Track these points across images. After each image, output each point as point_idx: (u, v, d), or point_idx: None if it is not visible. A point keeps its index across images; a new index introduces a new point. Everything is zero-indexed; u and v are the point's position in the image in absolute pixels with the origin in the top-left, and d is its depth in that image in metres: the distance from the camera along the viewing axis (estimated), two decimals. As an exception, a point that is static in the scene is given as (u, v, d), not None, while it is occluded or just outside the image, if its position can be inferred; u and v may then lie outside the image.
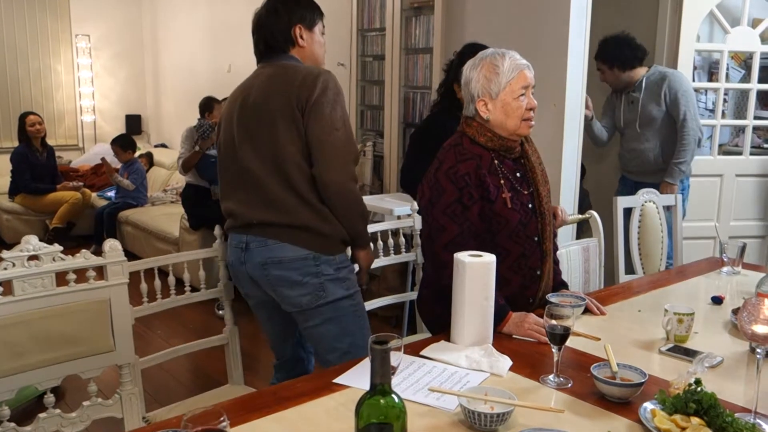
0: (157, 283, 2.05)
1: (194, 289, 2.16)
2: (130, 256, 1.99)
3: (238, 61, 6.66)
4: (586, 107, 3.74)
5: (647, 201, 3.15)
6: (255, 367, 3.64)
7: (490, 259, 1.82)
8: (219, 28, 6.83)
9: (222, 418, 1.08)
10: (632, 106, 3.75)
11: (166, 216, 5.40)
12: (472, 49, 2.44)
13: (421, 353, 1.78)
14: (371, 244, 2.29)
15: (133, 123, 8.06)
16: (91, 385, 1.88)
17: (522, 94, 2.02)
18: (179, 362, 3.39)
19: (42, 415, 1.78)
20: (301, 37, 2.26)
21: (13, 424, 1.71)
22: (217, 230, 2.16)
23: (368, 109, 5.31)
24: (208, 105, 4.80)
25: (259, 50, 2.29)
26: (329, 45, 5.83)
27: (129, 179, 5.93)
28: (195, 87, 6.76)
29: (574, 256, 2.71)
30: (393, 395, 1.08)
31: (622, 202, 3.07)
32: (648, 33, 4.25)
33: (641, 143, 3.72)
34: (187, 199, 4.70)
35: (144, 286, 2.01)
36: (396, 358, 1.44)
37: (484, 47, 2.22)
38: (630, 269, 3.11)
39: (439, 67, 4.48)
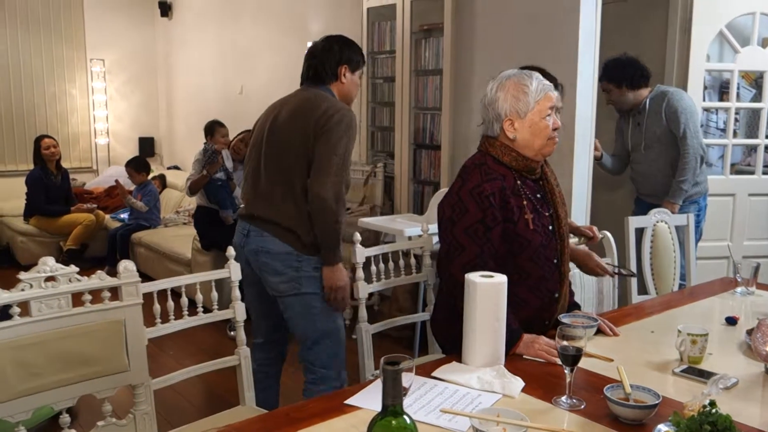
0: (170, 304, 2.06)
1: (207, 310, 2.17)
2: (144, 277, 2.00)
3: (249, 83, 6.74)
4: (595, 148, 3.73)
5: (659, 221, 3.14)
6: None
7: (501, 279, 1.82)
8: (230, 51, 6.92)
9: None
10: (638, 128, 3.75)
11: (179, 237, 5.43)
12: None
13: (433, 374, 1.78)
14: (341, 266, 2.49)
15: (146, 145, 8.14)
16: (105, 404, 1.89)
17: (549, 114, 2.04)
18: (192, 383, 3.39)
19: (57, 436, 1.79)
20: (344, 75, 2.65)
21: (28, 444, 1.72)
22: (229, 251, 2.17)
23: (379, 131, 5.35)
24: (210, 129, 4.83)
25: (307, 75, 2.69)
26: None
27: (142, 201, 5.98)
28: (207, 109, 6.83)
29: (588, 277, 2.70)
30: (404, 416, 1.08)
31: (634, 222, 3.06)
32: (658, 53, 4.27)
33: (649, 165, 3.71)
34: (199, 220, 4.73)
35: (157, 307, 2.02)
36: (407, 379, 1.44)
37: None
38: (643, 290, 3.09)
39: (449, 88, 4.51)
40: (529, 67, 2.27)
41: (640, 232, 3.12)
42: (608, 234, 2.87)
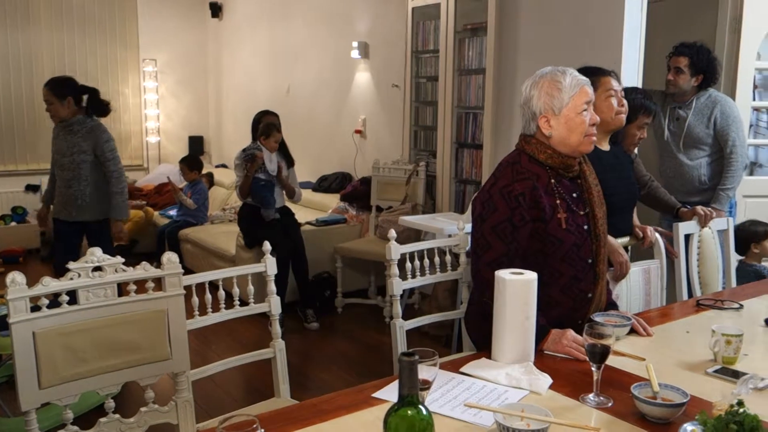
0: (208, 297, 2.12)
1: (244, 304, 2.23)
2: (190, 273, 2.08)
3: (296, 83, 6.84)
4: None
5: (705, 227, 3.07)
6: (304, 383, 3.71)
7: (531, 276, 1.83)
8: (279, 52, 7.04)
9: (255, 426, 1.12)
10: (677, 122, 3.65)
11: (224, 234, 5.55)
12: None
13: (461, 370, 1.80)
14: None
15: (196, 144, 8.34)
16: (148, 391, 1.96)
17: (585, 110, 2.03)
18: (230, 376, 3.48)
19: (103, 419, 1.86)
20: None
21: (75, 428, 1.80)
22: (266, 246, 2.23)
23: (421, 130, 5.37)
24: (267, 131, 4.64)
25: None
26: (384, 68, 5.99)
27: (192, 198, 6.12)
28: (255, 109, 6.88)
29: (635, 278, 2.67)
30: (421, 407, 1.10)
31: (683, 228, 2.98)
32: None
33: (685, 163, 3.62)
34: (243, 218, 4.82)
35: (195, 299, 2.09)
36: (431, 373, 1.47)
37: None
38: (690, 296, 3.03)
39: (492, 87, 4.51)
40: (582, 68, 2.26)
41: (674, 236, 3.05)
42: (657, 235, 2.83)
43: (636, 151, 3.18)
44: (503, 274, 1.83)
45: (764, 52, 4.25)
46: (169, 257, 1.96)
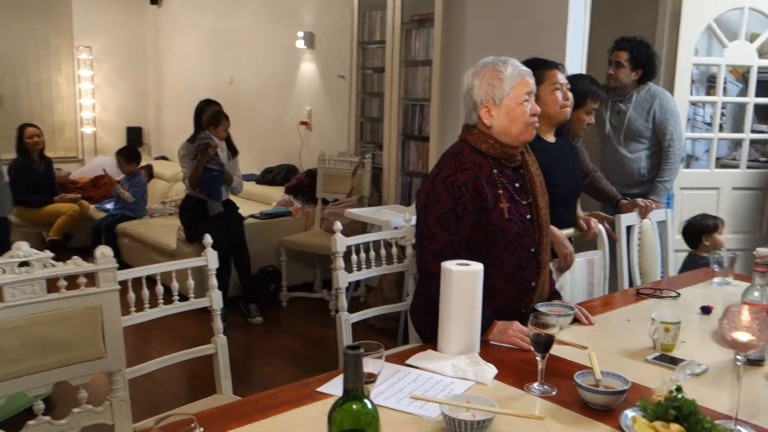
0: (145, 292, 2.05)
1: (184, 299, 2.16)
2: (127, 267, 2.00)
3: (240, 74, 6.71)
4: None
5: (645, 218, 3.13)
6: (247, 379, 3.64)
7: (477, 267, 1.82)
8: (221, 41, 6.89)
9: (193, 425, 1.07)
10: (618, 116, 3.72)
11: (164, 228, 5.40)
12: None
13: (407, 362, 1.78)
14: None
15: (134, 135, 8.10)
16: (81, 391, 1.88)
17: (526, 100, 2.03)
18: (170, 373, 3.37)
19: (31, 422, 1.77)
20: None
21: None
22: (206, 239, 2.16)
23: (368, 121, 5.34)
24: (215, 119, 4.55)
25: None
26: (330, 58, 5.93)
27: (130, 191, 5.94)
28: (197, 99, 6.71)
29: (579, 268, 2.71)
30: (366, 401, 1.08)
31: (624, 220, 3.04)
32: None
33: (625, 156, 3.70)
34: (185, 210, 4.71)
35: (131, 295, 2.01)
36: (377, 366, 1.44)
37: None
38: (631, 285, 3.09)
39: (438, 79, 4.50)
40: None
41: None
42: (600, 226, 2.87)
43: (581, 142, 3.22)
44: (449, 266, 1.82)
45: (702, 48, 4.37)
46: (103, 251, 1.88)
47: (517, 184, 2.10)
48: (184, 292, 2.14)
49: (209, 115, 4.56)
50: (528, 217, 2.10)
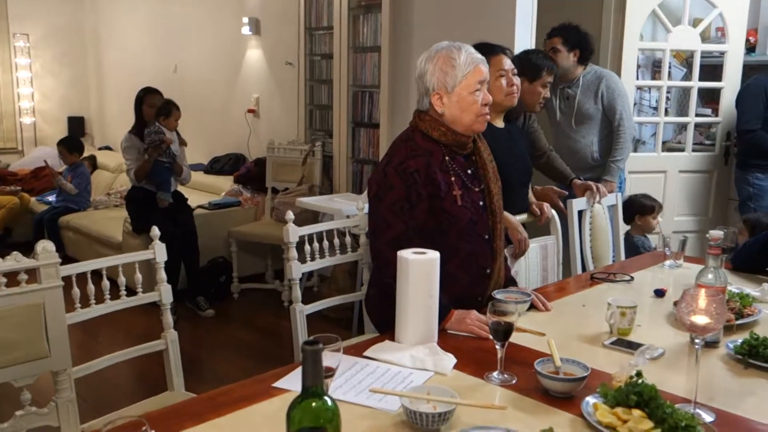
0: (91, 287, 1.96)
1: (132, 293, 2.08)
2: (72, 262, 1.91)
3: (185, 61, 6.54)
4: None
5: (595, 202, 3.15)
6: (200, 374, 3.56)
7: (434, 256, 1.80)
8: (164, 27, 6.70)
9: (144, 428, 1.02)
10: (568, 102, 3.76)
11: (109, 220, 5.24)
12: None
13: (365, 354, 1.74)
14: None
15: (76, 125, 7.82)
16: (24, 393, 1.79)
17: (478, 89, 1.99)
18: (120, 370, 3.28)
19: (-31, 428, 1.69)
20: None
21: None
22: (154, 231, 2.08)
23: (317, 109, 5.26)
24: (166, 110, 4.38)
25: None
26: (277, 45, 5.82)
27: (73, 183, 5.74)
28: (140, 88, 6.61)
29: (533, 254, 2.71)
30: (326, 398, 1.04)
31: (576, 204, 3.05)
32: (593, 32, 4.28)
33: (577, 140, 3.74)
34: (131, 201, 4.56)
35: (76, 290, 1.92)
36: (335, 359, 1.40)
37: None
38: (584, 269, 3.11)
39: (387, 65, 4.46)
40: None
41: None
42: (553, 211, 2.88)
43: (536, 122, 3.24)
44: (406, 254, 1.78)
45: (647, 33, 4.44)
46: (44, 246, 1.80)
47: (469, 171, 2.08)
48: (132, 287, 2.06)
49: (159, 106, 4.41)
50: (481, 203, 2.09)
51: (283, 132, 5.44)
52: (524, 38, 3.78)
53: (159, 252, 2.07)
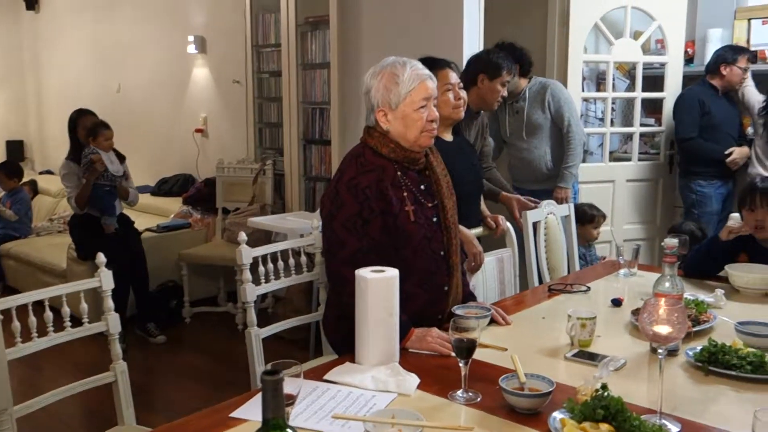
0: (32, 320, 1.86)
1: (78, 323, 1.98)
2: (15, 292, 1.80)
3: (129, 81, 6.39)
4: None
5: (549, 213, 3.17)
6: (153, 405, 3.44)
7: (393, 273, 1.76)
8: (106, 47, 6.55)
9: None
10: (517, 115, 3.81)
11: (53, 246, 5.04)
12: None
13: (325, 377, 1.69)
14: None
15: (15, 149, 7.57)
16: (-41, 439, 1.68)
17: (423, 106, 1.97)
18: (67, 404, 3.09)
19: None
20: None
21: None
22: (99, 258, 1.99)
23: (267, 127, 5.20)
24: (93, 132, 4.24)
25: None
26: (224, 63, 5.73)
27: (12, 209, 5.52)
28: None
29: (489, 268, 2.70)
30: (288, 430, 0.99)
31: (531, 216, 3.06)
32: (539, 46, 4.37)
33: (530, 152, 3.79)
34: (76, 227, 4.41)
35: (16, 324, 1.82)
36: (296, 385, 1.35)
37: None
38: (541, 281, 3.12)
39: (337, 82, 4.43)
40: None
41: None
42: (509, 224, 2.88)
43: (489, 138, 3.28)
44: (364, 273, 1.74)
45: (590, 46, 4.52)
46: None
47: (422, 187, 2.06)
48: (77, 316, 1.96)
49: (88, 128, 4.26)
50: (434, 219, 2.06)
51: (232, 151, 5.35)
52: (473, 51, 3.80)
53: (105, 279, 1.98)
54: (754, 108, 4.11)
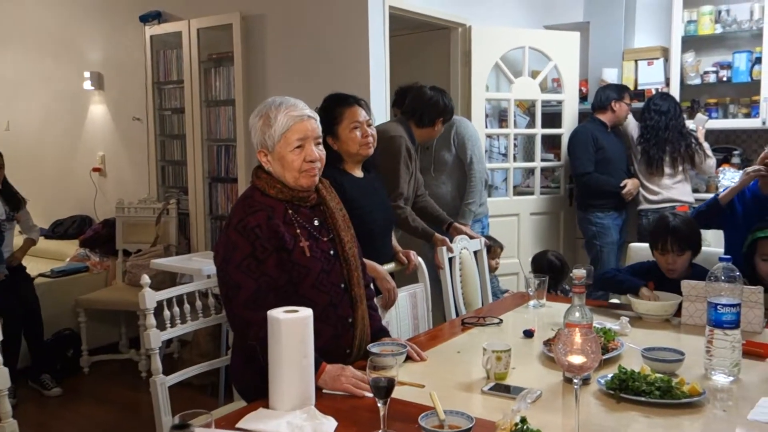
0: None
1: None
2: None
3: (19, 118, 6.07)
4: None
5: (462, 249, 3.20)
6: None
7: (306, 313, 1.71)
8: (-7, 83, 6.19)
9: None
10: (427, 152, 3.87)
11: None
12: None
13: (238, 425, 1.61)
14: None
15: None
16: None
17: (298, 146, 1.95)
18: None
19: None
20: None
21: None
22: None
23: (169, 165, 5.04)
24: None
25: None
26: (122, 100, 5.52)
27: None
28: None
29: (402, 303, 2.68)
30: (202, 487, 0.92)
31: (446, 251, 3.08)
32: (443, 84, 4.44)
33: (438, 187, 3.84)
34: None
35: None
36: (207, 437, 1.27)
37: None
38: (458, 314, 3.12)
39: (243, 118, 4.36)
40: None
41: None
42: (420, 259, 2.88)
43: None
44: (276, 314, 1.69)
45: (492, 84, 4.68)
46: None
47: (315, 222, 2.04)
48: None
49: None
50: (332, 252, 2.04)
51: (133, 190, 5.15)
52: (379, 88, 3.86)
53: (-7, 331, 1.83)
54: (633, 138, 4.37)
